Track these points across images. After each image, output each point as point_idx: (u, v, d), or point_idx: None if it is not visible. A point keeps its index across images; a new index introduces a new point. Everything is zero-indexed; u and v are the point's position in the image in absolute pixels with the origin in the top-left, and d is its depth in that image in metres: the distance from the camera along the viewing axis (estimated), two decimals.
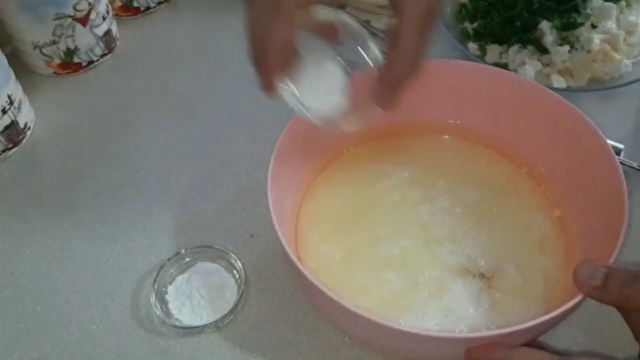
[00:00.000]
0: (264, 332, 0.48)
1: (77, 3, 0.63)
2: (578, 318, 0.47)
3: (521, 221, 0.49)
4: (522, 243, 0.47)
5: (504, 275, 0.45)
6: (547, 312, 0.37)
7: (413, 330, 0.37)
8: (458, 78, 0.53)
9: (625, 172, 0.45)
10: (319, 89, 0.44)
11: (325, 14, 0.42)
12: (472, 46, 0.67)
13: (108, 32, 0.69)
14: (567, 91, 0.63)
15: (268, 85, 0.42)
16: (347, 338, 0.47)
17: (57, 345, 0.48)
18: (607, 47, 0.63)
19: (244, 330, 0.48)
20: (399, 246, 0.47)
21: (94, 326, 0.49)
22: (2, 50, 0.59)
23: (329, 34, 0.44)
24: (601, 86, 0.63)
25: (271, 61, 0.40)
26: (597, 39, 0.63)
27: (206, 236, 0.54)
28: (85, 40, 0.67)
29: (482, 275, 0.45)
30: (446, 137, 0.55)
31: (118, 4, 0.73)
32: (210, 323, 0.47)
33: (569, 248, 0.47)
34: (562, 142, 0.49)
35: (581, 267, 0.38)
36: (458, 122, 0.54)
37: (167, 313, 0.48)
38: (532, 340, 0.39)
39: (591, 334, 0.47)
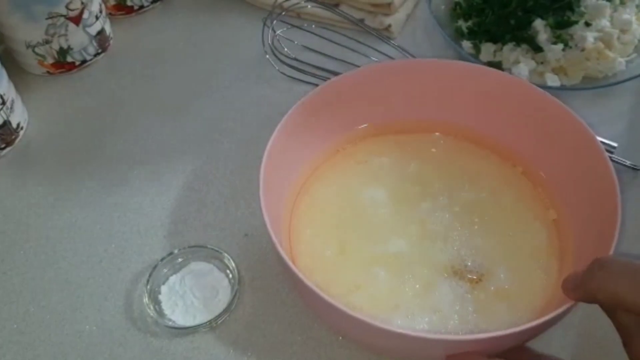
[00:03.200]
0: (258, 331, 0.48)
1: (70, 2, 0.63)
2: (570, 321, 0.47)
3: (516, 225, 0.48)
4: (515, 248, 0.47)
5: (493, 279, 0.45)
6: (530, 320, 0.37)
7: (392, 329, 0.37)
8: (451, 78, 0.53)
9: (618, 170, 0.45)
10: None
11: None
12: (467, 44, 0.67)
13: (101, 31, 0.69)
14: (561, 89, 0.63)
15: None
16: (340, 337, 0.47)
17: (51, 346, 0.48)
18: (601, 45, 0.63)
19: (238, 330, 0.48)
20: (392, 243, 0.47)
21: (87, 326, 0.49)
22: None
23: None
24: (595, 84, 0.63)
25: None
26: (591, 37, 0.63)
27: (200, 236, 0.54)
28: (78, 39, 0.66)
29: (470, 277, 0.45)
30: (441, 135, 0.55)
31: (111, 2, 0.73)
32: (204, 323, 0.47)
33: (561, 255, 0.46)
34: (554, 141, 0.49)
35: (568, 276, 0.38)
36: (453, 120, 0.54)
37: (160, 313, 0.48)
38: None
39: (584, 338, 0.47)
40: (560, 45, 0.63)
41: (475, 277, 0.45)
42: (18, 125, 0.62)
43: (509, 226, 0.48)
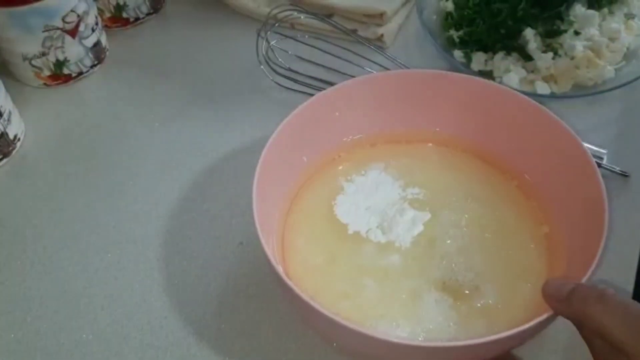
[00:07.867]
0: (253, 339, 0.48)
1: (66, 15, 0.64)
2: (556, 342, 0.47)
3: (510, 243, 0.48)
4: (506, 265, 0.47)
5: (480, 295, 0.45)
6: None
7: (376, 335, 0.37)
8: (443, 88, 0.53)
9: (607, 177, 0.45)
10: None
11: None
12: (458, 54, 0.68)
13: (97, 44, 0.70)
14: (551, 97, 0.64)
15: None
16: (335, 344, 0.47)
17: (47, 355, 0.48)
18: (591, 53, 0.64)
19: (233, 337, 0.48)
20: (384, 254, 0.47)
21: (84, 335, 0.49)
22: None
23: None
24: (585, 92, 0.64)
25: None
26: (580, 45, 0.64)
27: (195, 244, 0.54)
28: (74, 51, 0.67)
29: (458, 292, 0.45)
30: (435, 146, 0.55)
31: (107, 15, 0.74)
32: None
33: (551, 273, 0.46)
34: (543, 149, 0.49)
35: (550, 281, 0.38)
36: (447, 131, 0.55)
37: None
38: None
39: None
40: (550, 54, 0.64)
41: (466, 292, 0.45)
42: (15, 136, 0.62)
43: (502, 243, 0.48)
